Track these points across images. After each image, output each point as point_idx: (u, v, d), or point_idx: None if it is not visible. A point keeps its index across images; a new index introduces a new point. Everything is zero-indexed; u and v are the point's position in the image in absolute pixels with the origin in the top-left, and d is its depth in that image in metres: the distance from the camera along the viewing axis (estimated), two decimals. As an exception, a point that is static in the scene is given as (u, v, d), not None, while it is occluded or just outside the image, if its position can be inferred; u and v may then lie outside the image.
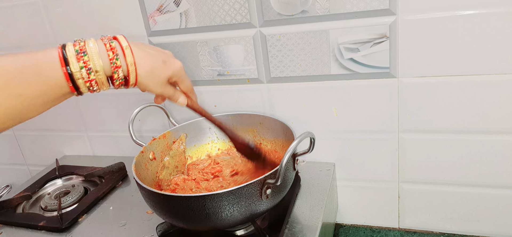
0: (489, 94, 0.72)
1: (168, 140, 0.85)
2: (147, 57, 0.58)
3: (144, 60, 0.57)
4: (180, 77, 0.64)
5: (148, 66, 0.58)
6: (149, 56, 0.58)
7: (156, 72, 0.59)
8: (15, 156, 1.24)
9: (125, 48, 0.55)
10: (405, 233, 0.89)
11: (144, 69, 0.57)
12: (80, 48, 0.52)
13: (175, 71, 0.62)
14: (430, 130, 0.78)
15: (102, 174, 0.97)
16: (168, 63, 0.61)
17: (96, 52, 0.53)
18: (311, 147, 0.65)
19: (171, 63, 0.62)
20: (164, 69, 0.60)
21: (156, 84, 0.60)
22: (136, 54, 0.56)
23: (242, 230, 0.73)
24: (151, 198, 0.66)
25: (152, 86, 0.60)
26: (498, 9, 0.66)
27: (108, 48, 0.54)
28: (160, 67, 0.60)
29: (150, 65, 0.58)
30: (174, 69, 0.62)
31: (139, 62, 0.57)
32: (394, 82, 0.77)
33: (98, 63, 0.53)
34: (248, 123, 0.87)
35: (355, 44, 0.76)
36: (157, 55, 0.60)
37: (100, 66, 0.53)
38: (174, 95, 0.65)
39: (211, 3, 0.82)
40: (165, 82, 0.61)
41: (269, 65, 0.84)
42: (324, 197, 0.79)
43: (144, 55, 0.58)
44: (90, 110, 1.07)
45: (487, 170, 0.78)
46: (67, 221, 0.82)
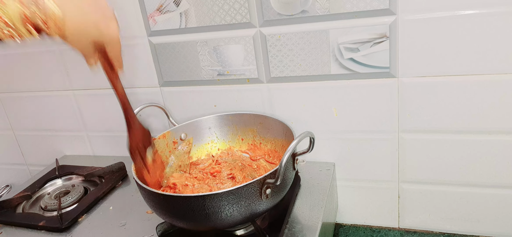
0: (489, 94, 0.72)
1: (168, 140, 0.85)
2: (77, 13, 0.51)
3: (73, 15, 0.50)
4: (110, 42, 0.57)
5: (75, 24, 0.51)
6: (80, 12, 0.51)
7: (83, 32, 0.52)
8: (15, 156, 1.24)
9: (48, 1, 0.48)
10: (405, 233, 0.89)
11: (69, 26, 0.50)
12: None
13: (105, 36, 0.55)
14: (430, 130, 0.78)
15: (102, 174, 0.97)
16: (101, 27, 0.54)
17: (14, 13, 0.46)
18: (311, 147, 0.65)
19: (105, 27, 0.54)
20: (94, 32, 0.53)
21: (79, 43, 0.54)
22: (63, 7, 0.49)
23: (242, 230, 0.73)
24: (151, 198, 0.66)
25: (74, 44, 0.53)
26: (498, 9, 0.66)
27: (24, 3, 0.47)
28: (90, 28, 0.53)
29: (77, 23, 0.51)
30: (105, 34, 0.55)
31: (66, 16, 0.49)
32: (394, 82, 0.77)
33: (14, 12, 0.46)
34: (248, 123, 0.87)
35: (355, 44, 0.76)
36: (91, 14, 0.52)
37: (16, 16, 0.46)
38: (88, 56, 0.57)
39: (211, 3, 0.82)
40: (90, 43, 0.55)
41: (269, 65, 0.84)
42: (324, 197, 0.78)
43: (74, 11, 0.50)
44: (90, 110, 1.07)
45: (487, 170, 0.78)
46: (67, 221, 0.82)
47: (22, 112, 1.15)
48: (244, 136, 0.88)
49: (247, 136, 0.88)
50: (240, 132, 0.88)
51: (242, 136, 0.88)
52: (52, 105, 1.10)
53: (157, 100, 0.97)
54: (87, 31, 0.52)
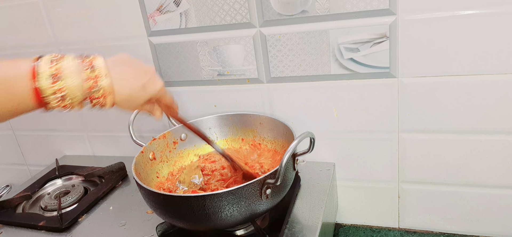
0: (489, 94, 0.72)
1: (168, 140, 0.85)
2: (125, 81, 0.56)
3: (122, 85, 0.55)
4: (160, 96, 0.62)
5: (126, 93, 0.56)
6: (127, 80, 0.56)
7: (134, 97, 0.57)
8: (15, 156, 1.24)
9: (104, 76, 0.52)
10: (405, 233, 0.89)
11: (121, 96, 0.55)
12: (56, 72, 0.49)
13: (154, 94, 0.60)
14: (430, 130, 0.78)
15: (102, 174, 0.97)
16: (147, 87, 0.58)
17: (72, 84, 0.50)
18: (311, 147, 0.65)
19: (151, 86, 0.59)
20: (143, 94, 0.58)
21: (134, 107, 0.59)
22: (113, 80, 0.54)
23: (242, 230, 0.73)
24: (151, 198, 0.66)
25: (129, 109, 0.59)
26: (498, 9, 0.66)
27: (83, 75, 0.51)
28: (138, 92, 0.57)
29: (128, 91, 0.56)
30: (153, 92, 0.60)
31: (117, 88, 0.54)
32: (394, 82, 0.77)
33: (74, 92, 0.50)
34: (248, 123, 0.87)
35: (355, 44, 0.76)
36: (137, 79, 0.57)
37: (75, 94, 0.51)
38: (151, 112, 0.65)
39: (211, 3, 0.82)
40: (143, 104, 0.60)
41: (269, 65, 0.84)
42: (324, 197, 0.78)
43: (122, 80, 0.55)
44: (90, 110, 1.07)
45: (487, 170, 0.78)
46: (67, 221, 0.82)
47: (22, 112, 1.15)
48: (244, 136, 0.88)
49: (247, 136, 0.88)
50: (240, 132, 0.88)
51: (242, 136, 0.88)
52: (52, 105, 1.10)
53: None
54: (136, 95, 0.57)
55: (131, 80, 0.57)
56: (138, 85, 0.57)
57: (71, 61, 0.51)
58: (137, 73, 0.58)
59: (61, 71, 0.50)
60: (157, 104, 0.64)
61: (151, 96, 0.60)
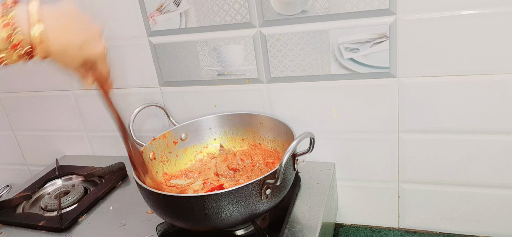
0: (489, 94, 0.72)
1: (168, 140, 0.85)
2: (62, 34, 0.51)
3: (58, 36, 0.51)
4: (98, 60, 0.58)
5: (61, 45, 0.51)
6: (65, 33, 0.52)
7: (70, 52, 0.53)
8: (15, 156, 1.24)
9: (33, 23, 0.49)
10: (405, 233, 0.89)
11: (55, 47, 0.51)
12: None
13: (92, 55, 0.56)
14: (430, 130, 0.78)
15: (102, 174, 0.97)
16: (86, 47, 0.54)
17: None
18: (311, 147, 0.65)
19: (90, 47, 0.55)
20: (80, 52, 0.54)
21: (66, 63, 0.54)
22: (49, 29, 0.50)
23: (242, 230, 0.73)
24: (151, 198, 0.66)
25: (62, 64, 0.54)
26: (498, 9, 0.66)
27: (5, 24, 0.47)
28: (75, 50, 0.53)
29: (63, 44, 0.52)
30: (92, 53, 0.55)
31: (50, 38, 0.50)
32: (394, 82, 0.77)
33: None
34: (248, 123, 0.87)
35: (355, 44, 0.76)
36: (76, 34, 0.53)
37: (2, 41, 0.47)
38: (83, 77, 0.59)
39: (211, 3, 0.82)
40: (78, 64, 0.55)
41: (269, 65, 0.84)
42: (324, 197, 0.78)
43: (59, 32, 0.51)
44: (90, 110, 1.07)
45: (487, 170, 0.78)
46: (67, 221, 0.82)
47: (22, 112, 1.15)
48: (244, 136, 0.88)
49: (247, 136, 0.88)
50: (240, 132, 0.88)
51: (242, 136, 0.88)
52: (52, 105, 1.10)
53: (157, 100, 0.97)
54: (73, 51, 0.53)
55: (70, 34, 0.52)
56: (76, 41, 0.53)
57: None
58: (78, 28, 0.54)
59: None
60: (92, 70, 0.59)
61: (89, 56, 0.55)
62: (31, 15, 0.49)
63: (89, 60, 0.56)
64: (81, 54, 0.54)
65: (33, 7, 0.49)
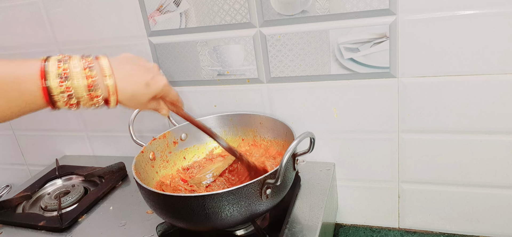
0: (489, 94, 0.72)
1: (168, 140, 0.85)
2: (129, 80, 0.57)
3: (126, 84, 0.56)
4: (164, 93, 0.63)
5: (130, 91, 0.57)
6: (131, 79, 0.57)
7: (138, 95, 0.58)
8: (15, 156, 1.24)
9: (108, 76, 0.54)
10: (405, 233, 0.89)
11: (125, 95, 0.56)
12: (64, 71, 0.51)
13: (158, 91, 0.61)
14: (430, 130, 0.78)
15: (102, 174, 0.97)
16: (151, 85, 0.59)
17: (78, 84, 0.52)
18: (311, 147, 0.65)
19: (154, 84, 0.60)
20: (147, 92, 0.59)
21: (138, 105, 0.59)
22: (117, 79, 0.55)
23: (242, 230, 0.73)
24: (151, 198, 0.66)
25: (134, 107, 0.60)
26: (498, 9, 0.66)
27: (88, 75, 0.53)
28: (142, 90, 0.58)
29: (131, 90, 0.57)
30: (157, 89, 0.60)
31: (120, 87, 0.55)
32: (394, 82, 0.77)
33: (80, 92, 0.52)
34: (248, 123, 0.87)
35: (355, 44, 0.76)
36: (140, 77, 0.58)
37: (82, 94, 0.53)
38: (157, 109, 0.64)
39: (211, 3, 0.82)
40: (148, 102, 0.61)
41: (269, 65, 0.84)
42: (324, 197, 0.78)
43: (126, 79, 0.56)
44: (90, 110, 1.07)
45: (487, 170, 0.78)
46: (67, 221, 0.82)
47: (22, 112, 1.15)
48: (244, 136, 0.88)
49: (247, 136, 0.88)
50: (240, 132, 0.88)
51: (242, 136, 0.88)
52: (52, 105, 1.10)
53: (157, 100, 0.97)
54: (139, 93, 0.58)
55: (135, 78, 0.58)
56: (142, 83, 0.58)
57: (77, 61, 0.53)
58: (141, 71, 0.59)
59: (69, 71, 0.51)
60: (162, 101, 0.64)
61: (155, 94, 0.60)
62: (106, 69, 0.54)
63: (156, 96, 0.61)
64: (148, 93, 0.59)
65: (105, 62, 0.55)
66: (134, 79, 0.57)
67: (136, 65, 0.59)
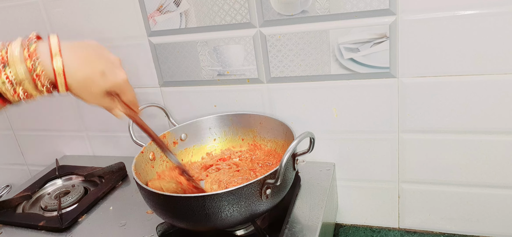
0: (489, 94, 0.72)
1: (168, 141, 0.85)
2: (82, 65, 0.52)
3: (78, 68, 0.51)
4: (122, 89, 0.57)
5: (82, 76, 0.51)
6: (85, 64, 0.52)
7: (91, 84, 0.53)
8: (15, 156, 1.24)
9: (54, 55, 0.49)
10: (405, 233, 0.89)
11: (75, 79, 0.51)
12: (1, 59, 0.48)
13: (114, 85, 0.55)
14: (430, 130, 0.78)
15: (102, 174, 0.97)
16: (108, 75, 0.54)
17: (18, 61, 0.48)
18: (311, 147, 0.65)
19: (112, 75, 0.54)
20: (102, 81, 0.53)
21: (91, 96, 0.54)
22: (67, 61, 0.50)
23: (242, 230, 0.73)
24: (151, 198, 0.66)
25: (85, 97, 0.54)
26: (498, 9, 0.66)
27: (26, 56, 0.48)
28: (97, 78, 0.53)
29: (84, 75, 0.52)
30: (114, 82, 0.55)
31: (71, 70, 0.50)
32: (394, 82, 0.77)
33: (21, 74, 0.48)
34: (248, 123, 0.87)
35: (355, 44, 0.76)
36: (96, 63, 0.53)
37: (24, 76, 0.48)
38: (110, 108, 0.58)
39: (211, 3, 0.82)
40: (102, 95, 0.55)
41: (269, 65, 0.84)
42: (324, 197, 0.78)
43: (79, 62, 0.51)
44: (90, 110, 1.07)
45: (487, 170, 0.78)
46: (67, 221, 0.82)
47: (22, 112, 1.15)
48: (244, 136, 0.88)
49: (247, 136, 0.88)
50: (240, 132, 0.88)
51: (242, 136, 0.88)
52: (52, 105, 1.10)
53: (157, 100, 0.97)
54: (94, 82, 0.53)
55: (90, 64, 0.52)
56: (97, 70, 0.53)
57: (16, 44, 0.49)
58: (99, 59, 0.53)
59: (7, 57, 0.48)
60: (118, 100, 0.58)
61: (111, 87, 0.55)
62: (52, 47, 0.49)
63: (112, 90, 0.56)
64: (103, 84, 0.54)
65: (53, 40, 0.50)
66: (89, 64, 0.52)
67: (95, 52, 0.54)
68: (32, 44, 0.50)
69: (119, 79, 0.56)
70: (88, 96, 0.54)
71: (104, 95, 0.55)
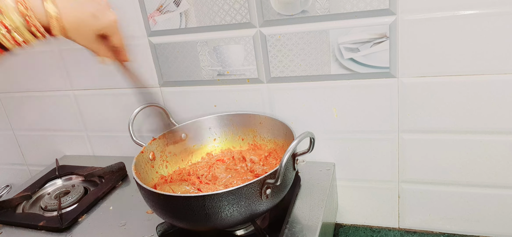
0: (489, 94, 0.72)
1: (168, 140, 0.85)
2: (73, 7, 0.54)
3: (70, 10, 0.53)
4: (111, 31, 0.59)
5: (74, 18, 0.54)
6: (76, 6, 0.54)
7: (83, 25, 0.55)
8: (15, 156, 1.24)
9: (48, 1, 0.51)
10: (405, 233, 0.89)
11: (68, 21, 0.53)
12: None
13: (105, 26, 0.58)
14: (430, 130, 0.78)
15: (102, 174, 0.97)
16: (99, 17, 0.56)
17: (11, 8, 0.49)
18: (311, 147, 0.65)
19: (103, 16, 0.57)
20: (93, 22, 0.56)
21: (81, 37, 0.57)
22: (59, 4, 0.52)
23: (242, 230, 0.73)
24: (151, 198, 0.66)
25: (77, 39, 0.56)
26: (498, 9, 0.66)
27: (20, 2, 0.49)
28: (88, 20, 0.56)
29: (76, 17, 0.54)
30: (104, 23, 0.58)
31: (62, 13, 0.52)
32: (394, 82, 0.77)
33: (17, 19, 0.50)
34: (248, 123, 0.87)
35: (355, 44, 0.76)
36: (87, 6, 0.55)
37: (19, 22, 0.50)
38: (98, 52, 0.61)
39: (211, 3, 0.82)
40: (93, 36, 0.58)
41: (269, 65, 0.84)
42: (324, 197, 0.79)
43: (70, 6, 0.53)
44: (90, 110, 1.07)
45: (487, 170, 0.78)
46: (67, 221, 0.82)
47: (22, 112, 1.15)
48: (244, 136, 0.88)
49: (247, 136, 0.88)
50: (240, 132, 0.88)
51: (242, 136, 0.88)
52: (52, 105, 1.10)
53: (157, 100, 0.97)
54: (86, 23, 0.55)
55: (80, 5, 0.55)
56: (88, 11, 0.55)
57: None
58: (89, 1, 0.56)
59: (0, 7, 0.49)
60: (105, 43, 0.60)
61: (102, 27, 0.58)
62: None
63: (102, 32, 0.58)
64: (95, 24, 0.56)
65: None
66: (79, 6, 0.54)
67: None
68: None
69: (110, 18, 0.58)
70: (79, 38, 0.56)
71: (95, 37, 0.58)
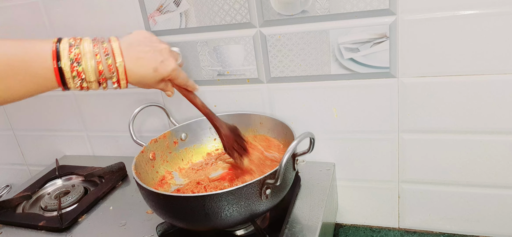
0: (489, 94, 0.72)
1: (168, 140, 0.85)
2: (138, 64, 0.59)
3: (135, 67, 0.59)
4: (172, 77, 0.65)
5: (139, 75, 0.60)
6: (140, 62, 0.59)
7: (146, 79, 0.61)
8: (15, 156, 1.24)
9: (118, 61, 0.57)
10: (405, 233, 0.89)
11: (133, 78, 0.59)
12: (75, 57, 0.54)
13: (165, 76, 0.63)
14: (430, 130, 0.78)
15: (102, 174, 0.97)
16: (159, 70, 0.61)
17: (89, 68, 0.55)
18: (311, 147, 0.65)
19: (163, 69, 0.62)
20: (155, 76, 0.61)
21: (146, 86, 0.63)
22: (127, 62, 0.58)
23: (242, 230, 0.73)
24: (151, 198, 0.66)
25: (143, 87, 0.63)
26: (498, 9, 0.66)
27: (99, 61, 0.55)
28: (151, 74, 0.61)
29: (140, 74, 0.60)
30: (165, 74, 0.62)
31: (129, 69, 0.58)
32: (394, 82, 0.77)
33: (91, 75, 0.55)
34: (248, 123, 0.87)
35: (355, 44, 0.76)
36: (149, 61, 0.60)
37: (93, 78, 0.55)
38: (164, 89, 0.67)
39: (211, 3, 0.82)
40: (156, 84, 0.63)
41: (269, 65, 0.84)
42: (324, 197, 0.79)
43: (136, 62, 0.59)
44: (90, 110, 1.07)
45: (487, 170, 0.78)
46: (67, 221, 0.82)
47: (22, 112, 1.15)
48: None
49: (247, 136, 0.88)
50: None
51: (242, 136, 0.88)
52: (52, 105, 1.10)
53: (157, 100, 0.97)
54: (148, 78, 0.61)
55: (144, 61, 0.60)
56: (150, 67, 0.60)
57: (87, 45, 0.55)
58: (151, 54, 0.61)
59: (80, 56, 0.54)
60: (170, 83, 0.67)
61: (163, 78, 0.63)
62: (116, 52, 0.57)
63: (165, 79, 0.64)
64: (156, 77, 0.62)
65: (115, 45, 0.57)
66: (144, 62, 0.60)
67: (147, 47, 0.61)
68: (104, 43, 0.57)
69: (168, 70, 0.63)
70: (144, 86, 0.63)
71: (158, 83, 0.63)
